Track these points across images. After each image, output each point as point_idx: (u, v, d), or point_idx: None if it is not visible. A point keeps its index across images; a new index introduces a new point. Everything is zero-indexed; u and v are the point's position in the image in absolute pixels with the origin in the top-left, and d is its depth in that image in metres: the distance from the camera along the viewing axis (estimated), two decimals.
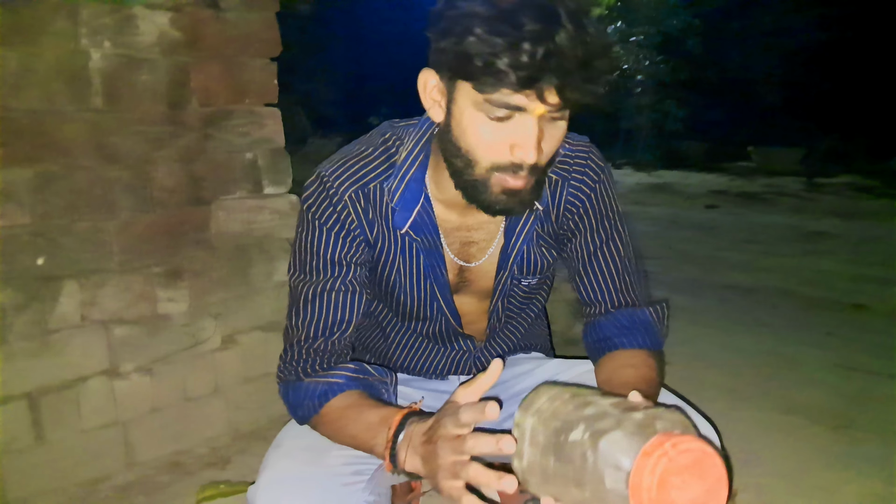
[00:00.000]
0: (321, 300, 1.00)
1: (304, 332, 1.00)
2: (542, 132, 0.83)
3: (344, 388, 0.96)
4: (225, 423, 1.85)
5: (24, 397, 1.50)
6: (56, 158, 1.50)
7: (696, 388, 2.04)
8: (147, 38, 1.61)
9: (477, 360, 1.20)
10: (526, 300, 1.17)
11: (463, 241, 1.06)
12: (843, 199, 7.25)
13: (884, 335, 2.64)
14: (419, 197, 1.00)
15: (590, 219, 1.07)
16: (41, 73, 1.47)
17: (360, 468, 0.95)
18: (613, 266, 1.07)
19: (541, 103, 0.80)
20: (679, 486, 0.57)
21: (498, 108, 0.81)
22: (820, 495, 1.54)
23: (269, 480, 0.92)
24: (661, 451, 0.57)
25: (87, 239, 1.56)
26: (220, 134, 1.77)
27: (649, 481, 0.56)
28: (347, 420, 0.93)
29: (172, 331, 1.72)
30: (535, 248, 1.09)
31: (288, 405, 1.01)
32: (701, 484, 0.58)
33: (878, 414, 1.93)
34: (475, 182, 0.88)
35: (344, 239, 1.00)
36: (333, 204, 0.99)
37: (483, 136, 0.85)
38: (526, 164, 0.84)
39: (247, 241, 1.85)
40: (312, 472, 0.93)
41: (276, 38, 1.84)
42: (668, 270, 3.88)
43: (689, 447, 0.58)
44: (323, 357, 1.00)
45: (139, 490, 1.61)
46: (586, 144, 1.07)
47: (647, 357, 1.03)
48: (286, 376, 1.01)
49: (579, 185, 1.05)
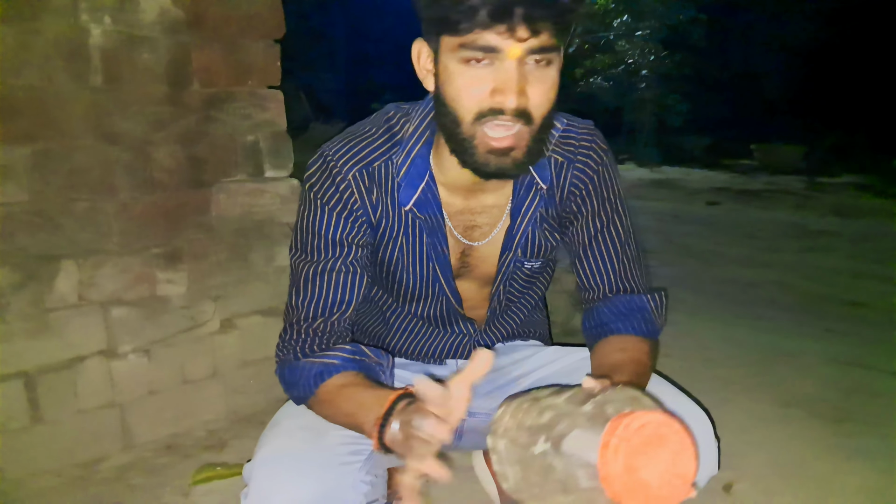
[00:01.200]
0: (321, 280, 0.99)
1: (303, 311, 1.00)
2: (523, 77, 0.83)
3: (340, 368, 0.95)
4: (223, 406, 1.85)
5: (22, 376, 1.50)
6: (55, 137, 1.49)
7: (695, 379, 2.04)
8: (148, 16, 1.59)
9: (476, 344, 1.20)
10: (527, 285, 1.16)
11: (467, 225, 1.05)
12: (844, 197, 7.23)
13: (881, 332, 2.64)
14: (424, 174, 1.00)
15: (592, 201, 1.06)
16: (40, 50, 1.45)
17: (358, 448, 0.95)
18: (613, 250, 1.07)
19: (513, 40, 0.81)
20: (646, 464, 0.57)
21: (475, 51, 0.82)
22: (815, 486, 1.54)
23: (266, 458, 0.92)
24: (617, 439, 0.57)
25: (86, 219, 1.56)
26: (221, 116, 1.76)
27: (617, 470, 0.56)
28: (342, 400, 0.93)
29: (171, 313, 1.71)
30: (539, 230, 1.08)
31: (284, 384, 1.01)
32: (666, 454, 0.58)
33: (874, 408, 1.94)
34: (464, 140, 0.88)
35: (346, 219, 0.99)
36: (336, 184, 0.98)
37: (464, 83, 0.85)
38: (508, 110, 0.84)
39: (247, 224, 1.84)
40: (309, 450, 0.92)
41: (279, 20, 1.82)
42: (669, 264, 3.87)
43: (641, 423, 0.58)
44: (322, 337, 0.99)
45: (136, 471, 1.61)
46: (591, 128, 1.07)
47: (640, 342, 1.02)
48: (284, 356, 1.01)
49: (583, 168, 1.05)
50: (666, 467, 0.58)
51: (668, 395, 1.04)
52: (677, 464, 0.59)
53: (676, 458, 0.59)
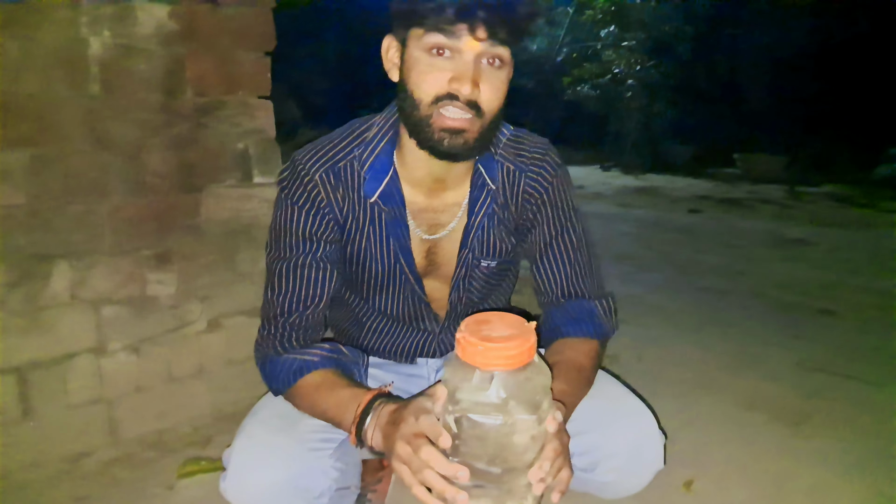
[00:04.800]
0: (294, 276, 1.08)
1: (279, 306, 1.07)
2: (478, 72, 0.95)
3: (318, 365, 1.03)
4: (208, 403, 1.91)
5: (14, 371, 1.56)
6: (52, 142, 1.56)
7: (663, 382, 2.13)
8: (145, 29, 1.66)
9: (441, 342, 1.28)
10: (487, 287, 1.24)
11: (430, 223, 1.14)
12: (823, 207, 7.38)
13: (848, 339, 2.74)
14: (388, 168, 1.09)
15: (546, 210, 1.15)
16: (41, 59, 1.52)
17: (329, 436, 1.03)
18: (566, 257, 1.16)
19: (472, 37, 0.92)
20: (485, 331, 0.78)
21: (437, 41, 0.94)
22: (770, 484, 1.62)
23: (243, 444, 1.00)
24: (459, 340, 0.78)
25: (80, 221, 1.62)
26: (212, 123, 1.83)
27: (471, 347, 0.76)
28: (320, 395, 1.00)
29: (160, 312, 1.78)
30: (495, 230, 1.17)
31: (264, 377, 1.09)
32: (491, 319, 0.81)
33: (833, 412, 2.02)
34: (421, 121, 0.98)
35: (314, 217, 1.08)
36: (305, 184, 1.07)
37: (426, 70, 0.96)
38: (463, 95, 0.94)
39: (235, 227, 1.91)
40: (283, 438, 1.00)
41: (270, 33, 1.89)
42: (647, 270, 3.97)
43: (463, 326, 0.79)
44: (297, 331, 1.07)
45: (122, 466, 1.67)
46: (545, 144, 1.16)
47: (586, 343, 1.11)
48: (264, 350, 1.08)
49: (537, 178, 1.14)
50: (498, 324, 0.78)
51: (614, 392, 1.13)
52: (503, 319, 0.80)
53: (500, 317, 0.80)
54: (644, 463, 1.11)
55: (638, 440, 1.09)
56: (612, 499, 1.20)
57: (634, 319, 2.87)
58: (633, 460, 1.09)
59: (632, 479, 1.13)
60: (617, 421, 1.08)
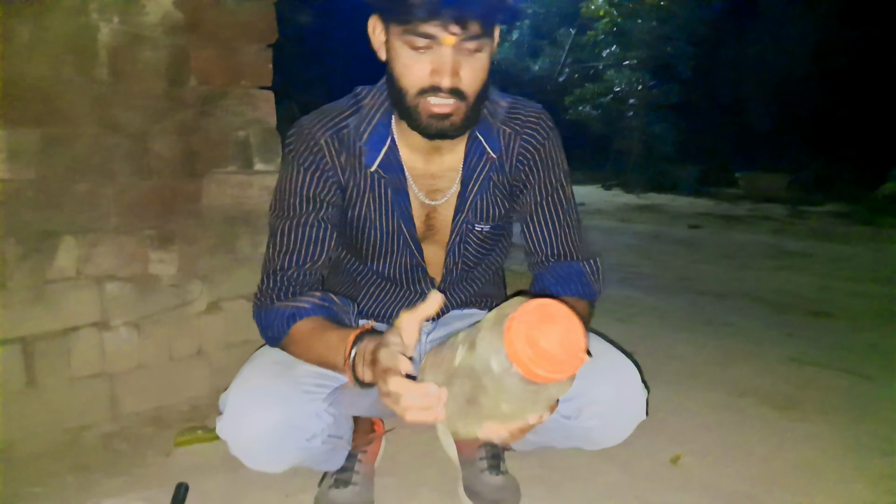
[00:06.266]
0: (296, 233, 1.13)
1: (279, 261, 1.13)
2: (457, 62, 1.00)
3: (310, 312, 1.08)
4: (206, 384, 1.95)
5: (19, 342, 1.61)
6: (61, 123, 1.62)
7: (657, 373, 2.16)
8: (152, 18, 1.74)
9: None
10: (482, 251, 1.29)
11: (429, 188, 1.19)
12: (825, 223, 7.42)
13: (842, 337, 2.77)
14: (386, 139, 1.14)
15: (538, 171, 1.21)
16: (52, 44, 1.59)
17: (322, 382, 1.07)
18: (556, 217, 1.21)
19: (447, 33, 0.97)
20: (544, 335, 0.69)
21: (417, 38, 0.99)
22: (757, 461, 1.65)
23: (239, 388, 1.04)
24: (515, 323, 0.69)
25: (86, 199, 1.68)
26: (215, 112, 1.89)
27: (520, 344, 0.68)
28: (312, 340, 1.05)
29: (161, 291, 1.83)
30: (489, 195, 1.22)
31: (260, 328, 1.13)
32: (558, 326, 0.71)
33: (824, 399, 2.05)
34: (409, 108, 1.04)
35: (318, 178, 1.13)
36: (310, 147, 1.12)
37: (408, 64, 1.01)
38: (444, 87, 1.00)
39: (235, 213, 1.97)
40: (278, 381, 1.05)
41: (272, 26, 1.97)
42: (644, 276, 4.01)
43: (530, 308, 0.71)
44: (295, 285, 1.12)
45: (121, 439, 1.71)
46: (538, 109, 1.22)
47: (577, 303, 1.16)
48: (262, 302, 1.13)
49: (530, 139, 1.20)
50: (560, 337, 0.70)
51: (600, 346, 1.17)
52: (569, 334, 0.71)
53: (567, 329, 0.71)
54: (626, 411, 1.14)
55: (621, 388, 1.13)
56: (596, 449, 1.23)
57: (629, 318, 2.91)
58: (616, 407, 1.13)
59: (615, 426, 1.16)
60: (601, 370, 1.12)
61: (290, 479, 1.41)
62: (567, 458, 1.58)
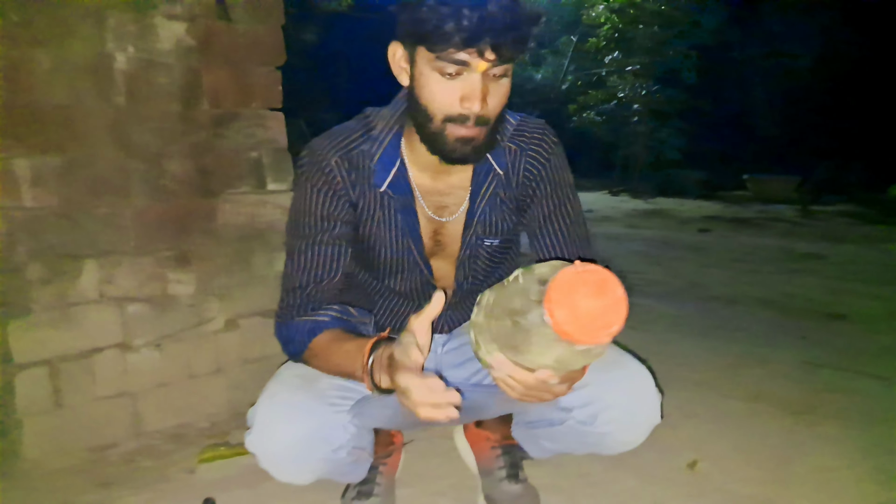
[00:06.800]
0: (311, 251, 1.16)
1: (297, 279, 1.16)
2: (486, 88, 1.02)
3: (329, 325, 1.11)
4: (225, 400, 1.98)
5: (45, 364, 1.65)
6: (81, 148, 1.67)
7: (669, 380, 2.17)
8: (165, 45, 1.79)
9: (448, 318, 1.35)
10: (490, 265, 1.32)
11: (437, 205, 1.22)
12: (836, 225, 7.38)
13: (856, 339, 2.76)
14: (395, 160, 1.17)
15: (545, 185, 1.23)
16: (70, 72, 1.64)
17: (346, 394, 1.11)
18: (565, 228, 1.24)
19: (481, 59, 0.98)
20: (585, 295, 0.73)
21: (448, 65, 1.00)
22: (774, 466, 1.66)
23: (267, 402, 1.08)
24: (572, 269, 0.73)
25: (106, 222, 1.72)
26: (227, 133, 1.94)
27: (562, 283, 0.72)
28: (331, 351, 1.08)
29: (180, 311, 1.87)
30: (497, 210, 1.25)
31: (281, 342, 1.17)
32: (602, 299, 0.74)
33: (839, 402, 2.05)
34: (434, 134, 1.06)
35: (331, 198, 1.17)
36: (322, 167, 1.16)
37: (437, 90, 1.03)
38: (473, 114, 1.02)
39: (250, 232, 2.01)
40: (304, 395, 1.08)
41: (280, 48, 2.02)
42: (654, 283, 4.02)
43: (595, 271, 0.74)
44: (313, 301, 1.15)
45: (144, 456, 1.74)
46: (541, 124, 1.25)
47: None
48: (283, 319, 1.16)
49: (535, 155, 1.22)
50: (598, 307, 0.73)
51: (613, 352, 1.20)
52: (608, 312, 0.74)
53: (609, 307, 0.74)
54: (641, 415, 1.16)
55: (635, 393, 1.15)
56: (612, 454, 1.25)
57: (640, 326, 2.92)
58: (631, 412, 1.15)
59: (629, 430, 1.18)
60: (615, 375, 1.14)
61: (311, 493, 1.43)
62: (583, 465, 1.60)
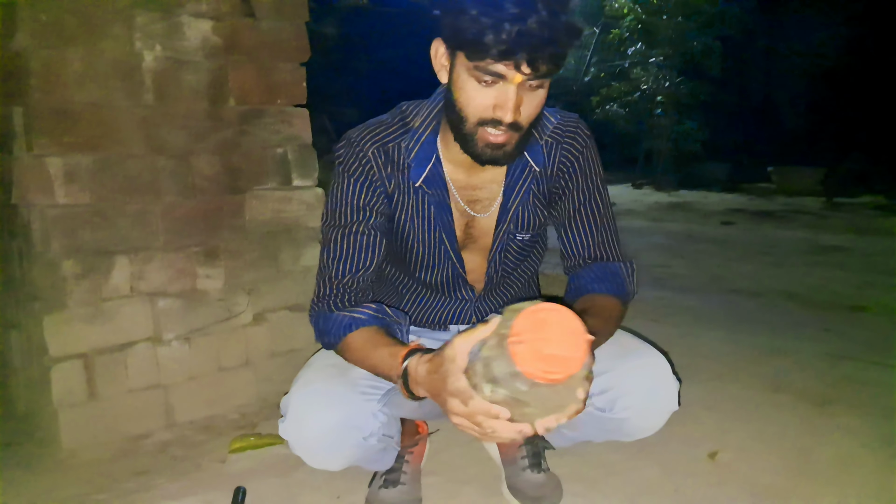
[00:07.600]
0: (348, 241, 1.19)
1: (333, 269, 1.19)
2: (520, 98, 1.04)
3: (366, 322, 1.14)
4: (254, 393, 2.03)
5: (81, 357, 1.70)
6: (112, 146, 1.72)
7: (692, 371, 2.17)
8: (192, 43, 1.83)
9: (476, 310, 1.38)
10: (520, 257, 1.34)
11: (470, 199, 1.25)
12: (861, 217, 7.28)
13: (880, 331, 2.74)
14: (431, 156, 1.20)
15: (577, 178, 1.26)
16: (101, 72, 1.69)
17: (376, 384, 1.14)
18: (593, 221, 1.26)
19: (517, 72, 1.00)
20: (544, 341, 0.74)
21: (484, 74, 1.02)
22: (795, 456, 1.66)
23: (300, 391, 1.11)
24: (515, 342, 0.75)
25: (137, 219, 1.77)
26: (254, 130, 1.98)
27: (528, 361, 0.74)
28: (366, 351, 1.11)
29: (209, 305, 1.91)
30: (529, 206, 1.27)
31: (317, 330, 1.20)
32: (553, 326, 0.76)
33: (861, 394, 2.04)
34: (466, 135, 1.09)
35: (367, 188, 1.20)
36: (359, 158, 1.19)
37: (473, 96, 1.06)
38: (504, 122, 1.04)
39: (277, 228, 2.05)
40: (336, 383, 1.12)
41: (305, 45, 2.05)
42: (678, 276, 4.01)
43: (522, 322, 0.75)
44: (349, 292, 1.19)
45: (177, 446, 1.79)
46: (575, 119, 1.27)
47: (611, 300, 1.20)
48: (319, 308, 1.20)
49: (569, 148, 1.25)
50: (560, 334, 0.75)
51: (632, 341, 1.22)
52: (567, 326, 0.76)
53: (563, 324, 0.76)
54: (659, 401, 1.18)
55: (653, 379, 1.17)
56: (631, 440, 1.27)
57: (664, 318, 2.92)
58: (649, 398, 1.17)
59: (648, 417, 1.20)
60: (634, 362, 1.16)
61: (340, 481, 1.47)
62: (605, 454, 1.62)
